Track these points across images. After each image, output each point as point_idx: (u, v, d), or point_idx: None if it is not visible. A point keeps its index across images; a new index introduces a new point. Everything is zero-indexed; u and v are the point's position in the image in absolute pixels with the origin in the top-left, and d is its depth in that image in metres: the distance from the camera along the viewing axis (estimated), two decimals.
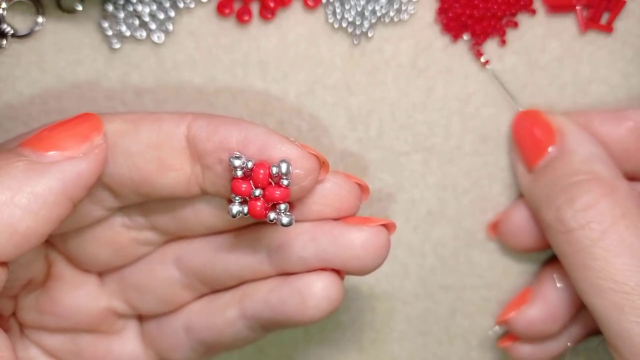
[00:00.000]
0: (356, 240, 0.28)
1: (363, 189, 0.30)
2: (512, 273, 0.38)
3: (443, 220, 0.37)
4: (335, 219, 0.29)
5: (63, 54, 0.33)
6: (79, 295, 0.31)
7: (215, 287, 0.31)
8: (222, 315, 0.31)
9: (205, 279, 0.31)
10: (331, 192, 0.28)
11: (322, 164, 0.27)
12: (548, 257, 0.37)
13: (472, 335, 0.39)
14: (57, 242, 0.31)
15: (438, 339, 0.39)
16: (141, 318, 0.33)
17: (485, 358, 0.39)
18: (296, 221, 0.28)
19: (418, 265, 0.38)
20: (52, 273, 0.31)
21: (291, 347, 0.39)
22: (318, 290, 0.29)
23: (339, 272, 0.29)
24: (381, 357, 0.39)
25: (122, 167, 0.27)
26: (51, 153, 0.25)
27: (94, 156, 0.26)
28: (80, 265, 0.31)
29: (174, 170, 0.27)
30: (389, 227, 0.29)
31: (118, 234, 0.30)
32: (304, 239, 0.29)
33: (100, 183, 0.28)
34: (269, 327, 0.31)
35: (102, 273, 0.32)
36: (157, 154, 0.27)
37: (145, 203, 0.29)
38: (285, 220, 0.26)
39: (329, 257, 0.29)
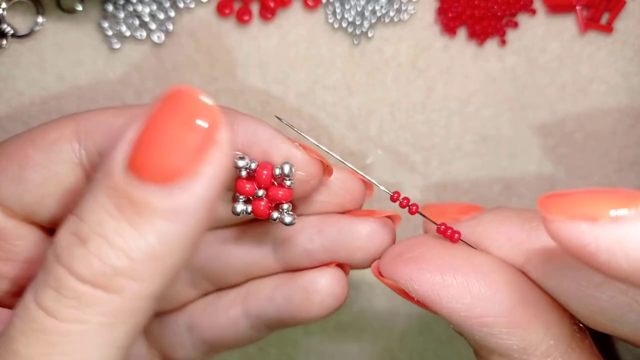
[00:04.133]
0: (362, 231, 0.28)
1: (367, 185, 0.30)
2: None
3: None
4: (341, 213, 0.29)
5: (63, 54, 0.33)
6: None
7: (219, 284, 0.31)
8: (226, 314, 0.31)
9: (210, 274, 0.31)
10: (335, 186, 0.29)
11: (326, 168, 0.28)
12: None
13: None
14: None
15: (438, 338, 0.39)
16: None
17: None
18: (302, 215, 0.29)
19: None
20: None
21: (292, 346, 0.39)
22: (323, 287, 0.29)
23: (343, 268, 0.30)
24: (381, 357, 0.39)
25: None
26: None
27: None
28: None
29: None
30: (394, 218, 0.29)
31: None
32: (310, 232, 0.29)
33: None
34: (273, 325, 0.31)
35: None
36: None
37: None
38: (287, 219, 0.27)
39: (336, 248, 0.29)
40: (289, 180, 0.26)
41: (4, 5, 0.32)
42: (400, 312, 0.39)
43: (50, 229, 0.29)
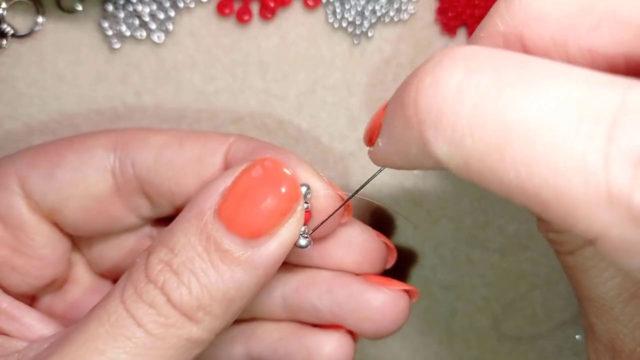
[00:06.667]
0: (374, 302, 0.27)
1: (390, 250, 0.29)
2: (512, 273, 0.38)
3: (443, 220, 0.37)
4: (356, 274, 0.28)
5: (63, 54, 0.33)
6: (93, 300, 0.31)
7: None
8: (227, 349, 0.31)
9: None
10: (356, 243, 0.28)
11: (346, 207, 0.27)
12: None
13: (472, 335, 0.39)
14: (82, 244, 0.31)
15: (438, 338, 0.39)
16: None
17: (485, 358, 0.39)
18: (317, 267, 0.28)
19: (418, 265, 0.38)
20: (70, 276, 0.31)
21: None
22: (326, 353, 0.28)
23: (352, 334, 0.29)
24: (381, 357, 0.39)
25: (162, 178, 0.28)
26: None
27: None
28: (98, 270, 0.32)
29: None
30: (411, 293, 0.28)
31: (142, 244, 0.30)
32: (321, 289, 0.28)
33: (140, 190, 0.28)
34: None
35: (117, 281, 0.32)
36: (197, 169, 0.27)
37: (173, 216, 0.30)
38: (303, 242, 0.26)
39: (343, 314, 0.28)
40: (306, 203, 0.26)
41: (4, 5, 0.32)
42: None
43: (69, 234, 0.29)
